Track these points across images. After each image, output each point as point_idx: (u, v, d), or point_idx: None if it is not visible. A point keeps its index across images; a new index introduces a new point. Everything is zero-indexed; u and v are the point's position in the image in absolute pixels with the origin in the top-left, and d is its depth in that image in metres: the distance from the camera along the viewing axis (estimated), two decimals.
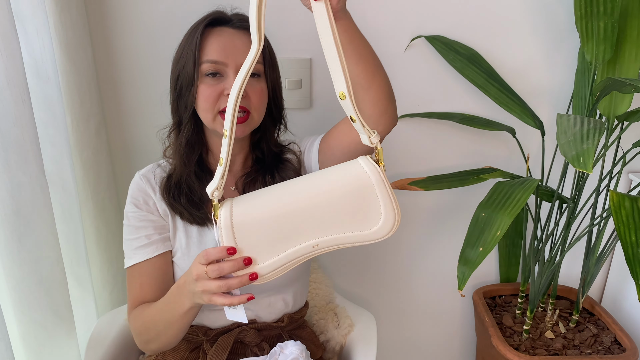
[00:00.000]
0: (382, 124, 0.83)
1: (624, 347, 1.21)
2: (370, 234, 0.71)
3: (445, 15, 1.24)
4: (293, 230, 0.70)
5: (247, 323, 0.89)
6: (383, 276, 1.50)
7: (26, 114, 0.85)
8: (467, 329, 1.58)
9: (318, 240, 0.71)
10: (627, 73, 1.11)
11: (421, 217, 1.44)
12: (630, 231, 0.84)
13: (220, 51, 0.84)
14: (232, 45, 0.85)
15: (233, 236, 0.69)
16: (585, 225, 1.35)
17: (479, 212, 0.91)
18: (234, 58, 0.84)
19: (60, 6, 1.02)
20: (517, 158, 1.36)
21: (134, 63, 1.24)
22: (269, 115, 0.93)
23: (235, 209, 0.70)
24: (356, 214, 0.70)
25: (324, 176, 0.72)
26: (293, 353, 0.85)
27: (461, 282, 0.87)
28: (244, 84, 0.64)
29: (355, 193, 0.69)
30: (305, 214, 0.70)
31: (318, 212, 0.70)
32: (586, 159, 0.75)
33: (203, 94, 0.85)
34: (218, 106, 0.85)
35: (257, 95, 0.87)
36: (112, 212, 1.26)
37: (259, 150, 0.97)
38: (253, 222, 0.69)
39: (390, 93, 0.82)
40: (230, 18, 0.90)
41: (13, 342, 0.87)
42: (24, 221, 0.86)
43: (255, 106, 0.87)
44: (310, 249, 0.71)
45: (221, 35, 0.86)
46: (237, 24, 0.88)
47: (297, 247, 0.71)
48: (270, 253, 0.70)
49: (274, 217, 0.70)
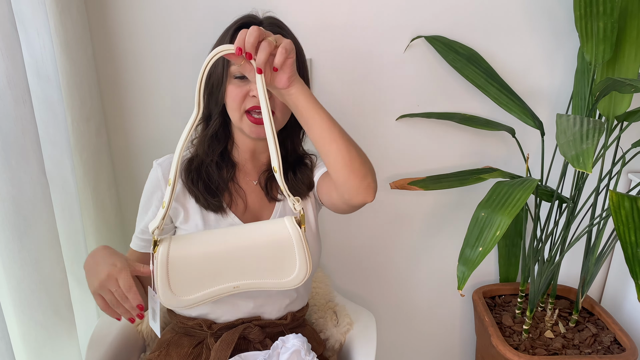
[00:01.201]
0: (347, 194, 0.82)
1: (624, 346, 1.21)
2: (285, 282, 0.82)
3: (445, 15, 1.24)
4: (218, 272, 0.80)
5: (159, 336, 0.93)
6: (383, 276, 1.50)
7: (27, 114, 0.85)
8: (466, 328, 1.58)
9: (239, 283, 0.82)
10: (627, 73, 1.11)
11: (421, 217, 1.44)
12: (630, 231, 0.85)
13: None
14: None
15: (167, 271, 0.78)
16: (585, 225, 1.35)
17: (479, 212, 0.91)
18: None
19: (61, 6, 1.02)
20: (517, 158, 1.36)
21: (134, 63, 1.24)
22: (293, 117, 0.95)
23: (172, 247, 0.79)
24: (274, 264, 0.81)
25: (253, 228, 0.83)
26: (295, 345, 0.87)
27: (461, 282, 0.87)
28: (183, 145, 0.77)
29: (276, 247, 0.81)
30: (230, 259, 0.80)
31: (242, 259, 0.81)
32: (586, 158, 0.75)
33: (231, 95, 0.88)
34: (244, 106, 0.88)
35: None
36: (112, 212, 1.26)
37: (283, 149, 0.98)
38: (185, 261, 0.79)
39: (351, 165, 0.79)
40: (260, 22, 0.92)
41: (13, 341, 0.87)
42: (24, 221, 0.86)
43: (280, 107, 0.89)
44: (231, 289, 0.82)
45: None
46: (268, 28, 0.90)
47: (219, 286, 0.81)
48: (196, 289, 0.80)
49: (203, 258, 0.80)
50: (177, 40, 1.23)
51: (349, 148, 0.79)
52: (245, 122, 0.89)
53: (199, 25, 1.22)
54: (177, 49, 1.23)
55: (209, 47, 1.24)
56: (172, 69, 1.25)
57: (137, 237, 0.96)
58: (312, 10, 1.22)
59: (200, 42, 1.23)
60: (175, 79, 1.26)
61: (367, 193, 0.81)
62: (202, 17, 1.21)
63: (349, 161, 0.79)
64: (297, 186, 0.97)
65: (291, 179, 0.97)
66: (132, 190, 1.35)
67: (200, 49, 1.24)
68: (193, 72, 1.26)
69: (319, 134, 0.79)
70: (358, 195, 0.81)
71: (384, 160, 1.37)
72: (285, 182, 0.83)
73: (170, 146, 1.30)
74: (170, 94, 1.27)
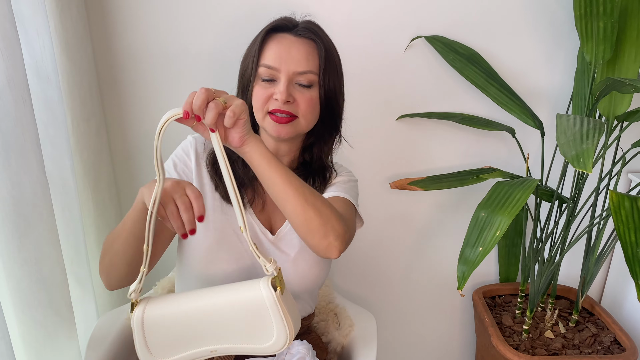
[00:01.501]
0: (310, 248, 0.82)
1: (624, 346, 1.21)
2: (264, 348, 0.78)
3: (445, 15, 1.24)
4: (194, 335, 0.79)
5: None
6: (383, 276, 1.50)
7: (27, 114, 0.85)
8: (466, 328, 1.58)
9: (215, 347, 0.80)
10: (627, 73, 1.11)
11: (421, 217, 1.44)
12: (630, 231, 0.84)
13: (275, 57, 0.87)
14: (288, 53, 0.88)
15: (143, 333, 0.78)
16: (585, 225, 1.35)
17: (479, 212, 0.91)
18: (286, 66, 0.87)
19: (61, 6, 1.02)
20: (517, 158, 1.36)
21: (134, 63, 1.24)
22: (322, 123, 0.95)
23: (147, 310, 0.79)
24: (250, 329, 0.78)
25: (229, 290, 0.80)
26: (300, 352, 0.86)
27: (461, 282, 0.87)
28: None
29: (251, 312, 0.77)
30: (206, 322, 0.78)
31: (217, 322, 0.78)
32: (586, 159, 0.75)
33: (256, 95, 0.89)
34: (267, 107, 0.88)
35: (306, 102, 0.89)
36: (112, 211, 1.26)
37: (308, 154, 0.98)
38: (161, 323, 0.79)
39: (307, 225, 0.79)
40: (295, 25, 0.92)
41: (13, 341, 0.87)
42: (24, 221, 0.86)
43: (303, 112, 0.89)
44: (208, 353, 0.80)
45: (281, 42, 0.89)
46: (301, 32, 0.90)
47: (196, 350, 0.79)
48: (172, 351, 0.79)
49: (179, 322, 0.79)
50: (177, 40, 1.23)
51: (304, 208, 0.77)
52: (267, 121, 0.89)
53: (199, 25, 1.22)
54: (177, 49, 1.23)
55: (210, 46, 1.24)
56: (172, 69, 1.25)
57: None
58: (312, 11, 1.22)
59: (201, 41, 1.23)
60: (175, 79, 1.26)
61: (329, 251, 0.80)
62: (203, 17, 1.21)
63: (304, 221, 0.78)
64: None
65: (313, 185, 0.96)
66: (132, 190, 1.35)
67: (201, 48, 1.24)
68: (193, 72, 1.26)
69: (272, 192, 0.79)
70: (319, 252, 0.81)
71: (384, 160, 1.37)
72: None
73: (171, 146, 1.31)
74: (170, 94, 1.27)
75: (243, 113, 0.72)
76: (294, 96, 0.88)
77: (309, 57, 0.88)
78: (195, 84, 1.27)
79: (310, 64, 0.88)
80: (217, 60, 1.25)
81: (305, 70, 0.87)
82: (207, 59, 1.25)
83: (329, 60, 0.91)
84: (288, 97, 0.86)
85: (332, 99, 0.93)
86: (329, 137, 0.98)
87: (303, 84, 0.88)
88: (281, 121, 0.88)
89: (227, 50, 1.24)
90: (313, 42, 0.90)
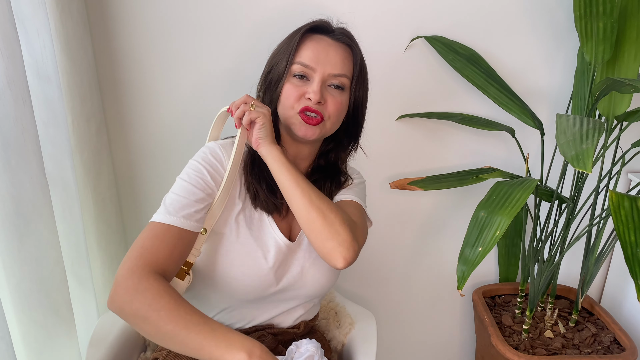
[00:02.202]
0: (319, 253, 0.85)
1: (623, 346, 1.21)
2: None
3: (445, 15, 1.24)
4: None
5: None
6: (383, 275, 1.50)
7: (27, 114, 0.85)
8: (466, 328, 1.58)
9: None
10: (627, 73, 1.11)
11: (421, 217, 1.44)
12: (630, 231, 0.85)
13: (313, 57, 0.88)
14: (325, 54, 0.88)
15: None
16: (585, 225, 1.35)
17: (479, 212, 0.91)
18: (322, 66, 0.88)
19: (61, 6, 1.02)
20: (517, 158, 1.36)
21: (134, 63, 1.24)
22: (343, 130, 0.96)
23: None
24: None
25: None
26: (309, 350, 0.87)
27: (461, 282, 0.87)
28: None
29: None
30: None
31: None
32: (585, 158, 0.75)
33: (287, 92, 0.89)
34: (298, 105, 0.88)
35: (335, 105, 0.89)
36: (113, 211, 1.26)
37: (325, 159, 0.99)
38: None
39: (309, 225, 0.83)
40: (332, 29, 0.93)
41: (13, 341, 0.87)
42: (24, 221, 0.86)
43: (330, 114, 0.89)
44: None
45: (319, 42, 0.90)
46: (338, 37, 0.91)
47: None
48: None
49: None
50: (177, 40, 1.23)
51: (308, 209, 0.83)
52: (296, 119, 0.88)
53: (200, 25, 1.22)
54: (177, 49, 1.23)
55: (209, 46, 1.24)
56: (173, 69, 1.25)
57: (181, 216, 0.80)
58: (312, 10, 1.22)
59: (201, 41, 1.23)
60: (175, 79, 1.26)
61: (333, 257, 0.82)
62: (203, 17, 1.21)
63: (308, 221, 0.83)
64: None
65: (326, 189, 0.97)
66: (132, 190, 1.35)
67: (201, 48, 1.24)
68: (193, 71, 1.26)
69: (283, 191, 0.87)
70: (324, 256, 0.84)
71: (384, 160, 1.37)
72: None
73: (171, 146, 1.31)
74: (170, 93, 1.27)
75: (259, 118, 0.86)
76: (325, 97, 0.88)
77: (345, 62, 0.90)
78: (195, 84, 1.27)
79: (345, 68, 0.89)
80: (217, 60, 1.25)
81: (340, 73, 0.89)
82: (207, 59, 1.25)
83: (362, 69, 0.93)
84: (320, 97, 0.87)
85: (358, 108, 0.95)
86: (347, 144, 1.00)
87: (336, 85, 0.89)
88: (311, 122, 0.88)
89: (228, 50, 1.24)
90: (349, 48, 0.92)
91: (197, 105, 1.28)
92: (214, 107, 1.24)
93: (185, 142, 1.31)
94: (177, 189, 0.84)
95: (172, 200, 0.82)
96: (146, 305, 0.71)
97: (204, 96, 1.27)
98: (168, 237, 0.79)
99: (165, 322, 0.70)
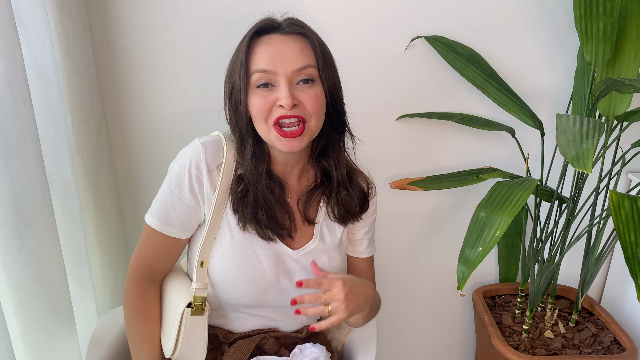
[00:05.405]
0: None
1: (624, 346, 1.21)
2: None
3: (445, 15, 1.24)
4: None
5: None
6: (383, 275, 1.50)
7: (27, 114, 0.85)
8: (466, 328, 1.58)
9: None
10: (627, 73, 1.11)
11: (421, 217, 1.44)
12: (630, 231, 0.84)
13: (268, 59, 0.80)
14: (281, 52, 0.81)
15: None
16: (585, 225, 1.35)
17: (479, 212, 0.91)
18: (282, 66, 0.80)
19: (61, 6, 1.02)
20: (517, 158, 1.36)
21: (134, 63, 1.24)
22: (328, 122, 0.88)
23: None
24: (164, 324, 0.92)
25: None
26: (313, 353, 0.86)
27: (461, 282, 0.87)
28: None
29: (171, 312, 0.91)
30: None
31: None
32: (585, 158, 0.75)
33: (255, 106, 0.82)
34: (272, 117, 0.81)
35: (312, 101, 0.82)
36: (113, 211, 1.26)
37: (325, 162, 0.92)
38: None
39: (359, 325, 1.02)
40: (279, 24, 0.85)
41: (13, 341, 0.87)
42: (24, 221, 0.86)
43: (310, 113, 0.82)
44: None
45: (269, 43, 0.82)
46: (287, 29, 0.84)
47: None
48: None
49: None
50: (177, 39, 1.23)
51: (365, 321, 1.00)
52: (274, 136, 0.82)
53: (200, 24, 1.22)
54: (177, 49, 1.23)
55: (210, 46, 1.24)
56: (173, 69, 1.25)
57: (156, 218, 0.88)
58: (312, 10, 1.22)
59: (201, 41, 1.23)
60: (175, 79, 1.26)
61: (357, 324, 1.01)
62: (203, 17, 1.21)
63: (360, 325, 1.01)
64: (349, 207, 0.93)
65: (345, 199, 0.92)
66: (132, 190, 1.35)
67: (201, 48, 1.24)
68: (193, 71, 1.26)
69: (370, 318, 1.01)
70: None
71: (384, 160, 1.37)
72: (336, 204, 0.92)
73: (171, 146, 1.31)
74: (170, 93, 1.27)
75: (339, 304, 0.83)
76: (299, 98, 0.80)
77: (304, 52, 0.82)
78: (195, 84, 1.27)
79: (307, 58, 0.81)
80: (217, 61, 1.25)
81: (303, 66, 0.81)
82: (207, 59, 1.25)
83: (324, 53, 0.85)
84: (293, 100, 0.79)
85: (334, 94, 0.87)
86: (338, 135, 0.92)
87: (304, 80, 0.81)
88: (291, 135, 0.81)
89: (228, 50, 1.24)
90: (304, 37, 0.84)
91: (197, 105, 1.28)
92: (214, 107, 1.24)
93: (185, 142, 1.29)
94: (162, 194, 0.90)
95: (155, 200, 0.91)
96: (125, 308, 0.92)
97: (204, 96, 1.27)
98: (154, 242, 0.91)
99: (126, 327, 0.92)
